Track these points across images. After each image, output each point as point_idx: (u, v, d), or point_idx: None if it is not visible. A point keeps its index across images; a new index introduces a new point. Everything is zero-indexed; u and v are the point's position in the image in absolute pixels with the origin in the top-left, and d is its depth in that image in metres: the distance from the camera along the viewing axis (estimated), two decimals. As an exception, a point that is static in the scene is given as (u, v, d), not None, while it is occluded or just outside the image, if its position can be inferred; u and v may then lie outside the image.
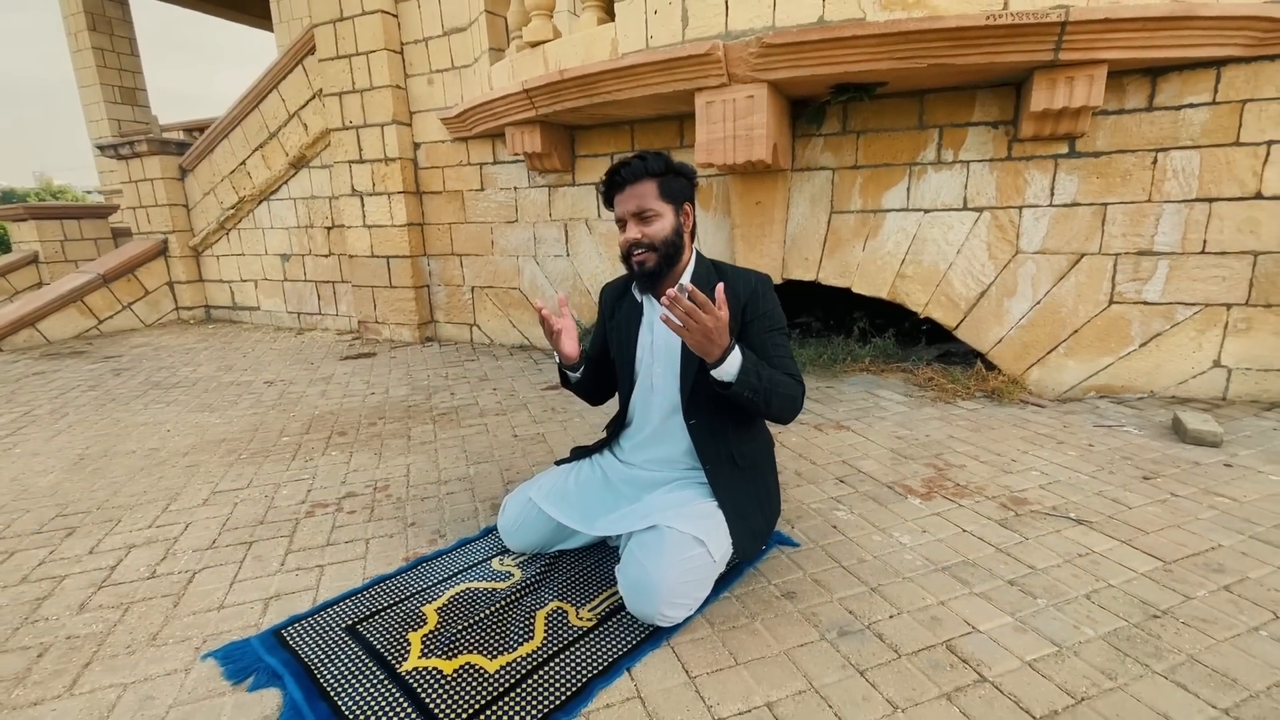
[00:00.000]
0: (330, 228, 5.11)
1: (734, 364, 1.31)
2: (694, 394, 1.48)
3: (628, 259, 1.47)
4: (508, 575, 1.58)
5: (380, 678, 1.23)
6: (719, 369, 1.31)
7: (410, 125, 4.52)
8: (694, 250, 1.53)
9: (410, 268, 4.63)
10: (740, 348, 1.33)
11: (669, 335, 1.48)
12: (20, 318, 4.95)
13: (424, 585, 1.55)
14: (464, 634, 1.35)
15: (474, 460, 2.41)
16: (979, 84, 2.81)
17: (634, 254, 1.45)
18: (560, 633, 1.35)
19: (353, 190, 4.70)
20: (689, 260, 1.52)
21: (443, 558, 1.68)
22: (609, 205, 1.48)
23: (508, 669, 1.24)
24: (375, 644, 1.33)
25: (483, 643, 1.32)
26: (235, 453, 2.56)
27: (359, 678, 1.23)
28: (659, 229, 1.42)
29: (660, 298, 1.37)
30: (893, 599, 1.45)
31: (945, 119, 2.93)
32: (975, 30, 2.36)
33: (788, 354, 1.49)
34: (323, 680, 1.23)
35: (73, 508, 2.09)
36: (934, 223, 3.04)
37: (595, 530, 1.52)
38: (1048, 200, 2.82)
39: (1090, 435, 2.44)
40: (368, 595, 1.52)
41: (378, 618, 1.42)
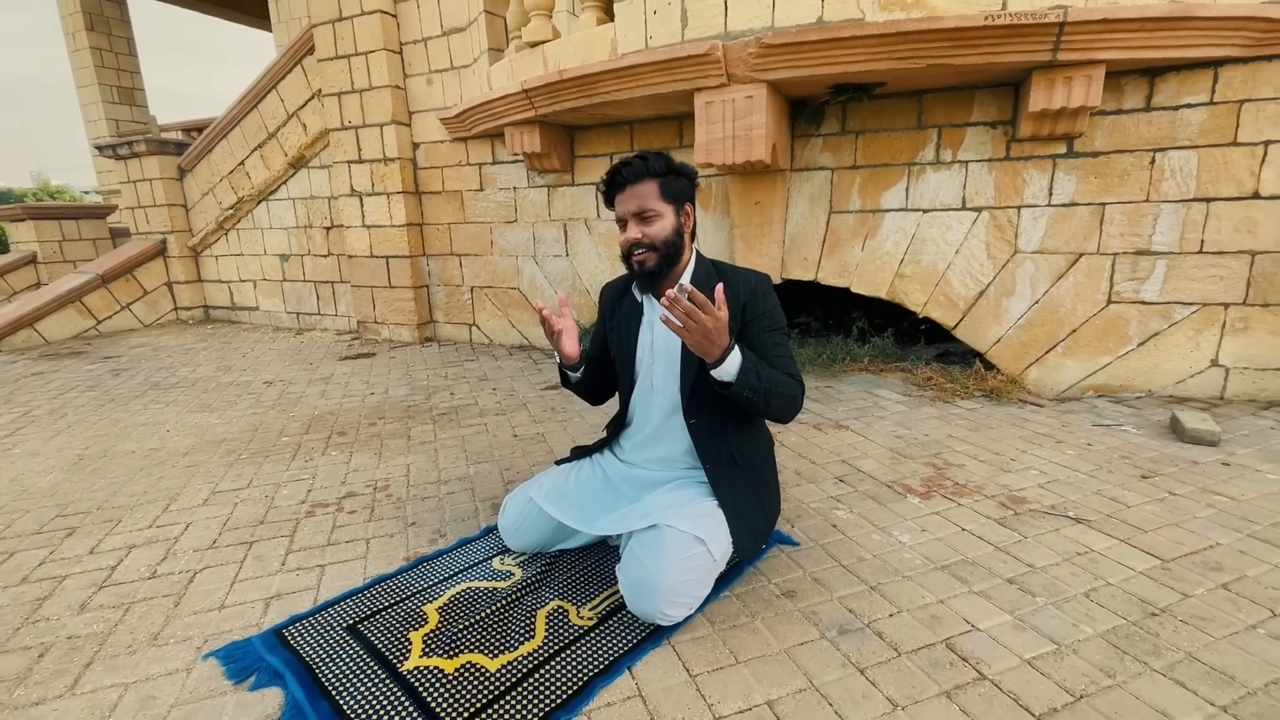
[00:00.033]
0: (329, 228, 5.11)
1: (734, 364, 1.31)
2: (694, 394, 1.49)
3: (628, 259, 1.47)
4: (508, 574, 1.58)
5: (382, 677, 1.23)
6: (719, 369, 1.32)
7: (409, 125, 4.52)
8: (694, 250, 1.54)
9: (409, 268, 4.64)
10: (740, 348, 1.33)
11: (669, 335, 1.49)
12: (19, 318, 4.95)
13: (425, 585, 1.55)
14: (465, 633, 1.35)
15: (474, 460, 2.41)
16: (977, 84, 2.81)
17: (634, 254, 1.45)
18: (561, 632, 1.35)
19: (352, 190, 4.70)
20: (689, 260, 1.52)
21: (443, 557, 1.69)
22: (609, 205, 1.48)
23: (509, 668, 1.25)
24: (376, 643, 1.33)
25: (484, 642, 1.32)
26: (235, 453, 2.56)
27: (360, 677, 1.24)
28: (659, 229, 1.43)
29: (660, 297, 1.37)
30: (892, 597, 1.45)
31: (944, 119, 2.94)
32: (974, 31, 2.36)
33: (787, 354, 1.49)
34: (324, 679, 1.23)
35: (73, 508, 2.09)
36: (933, 222, 3.04)
37: (596, 529, 1.53)
38: (1046, 200, 2.83)
39: (1089, 434, 2.45)
40: (369, 595, 1.52)
41: (379, 617, 1.42)
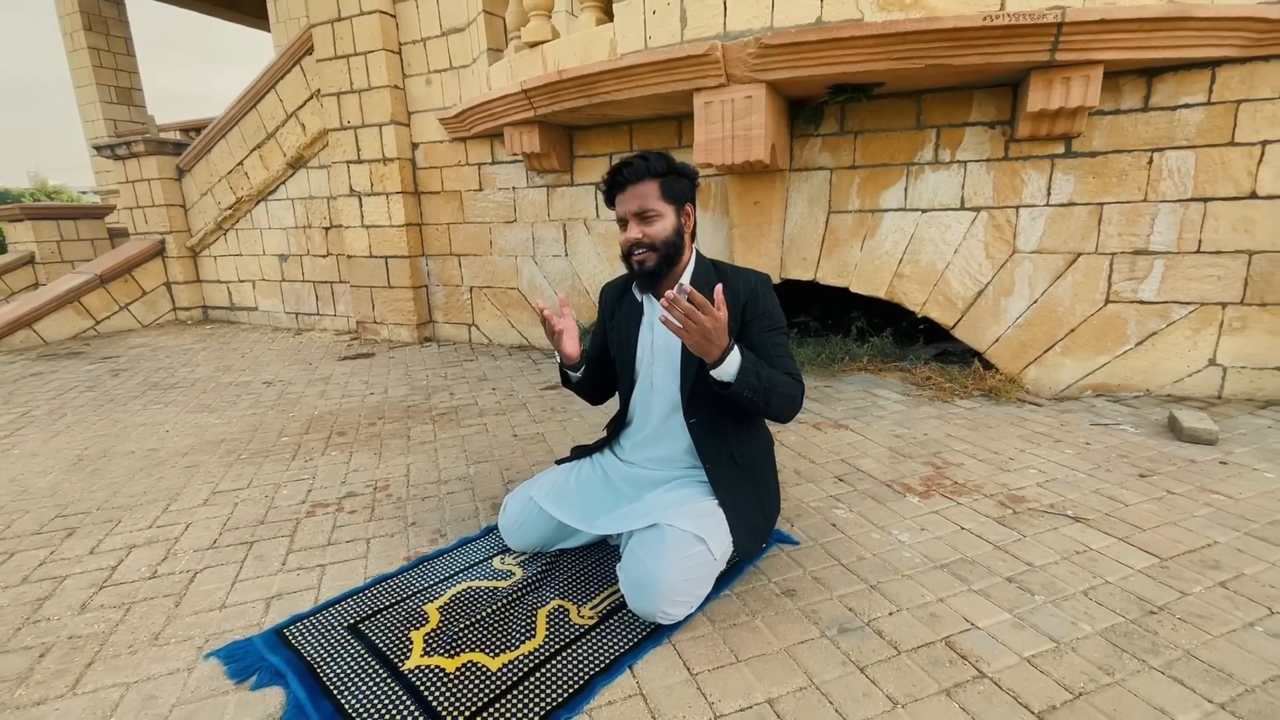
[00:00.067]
0: (328, 228, 5.10)
1: (733, 364, 1.32)
2: (694, 393, 1.49)
3: (628, 258, 1.48)
4: (509, 574, 1.58)
5: (383, 676, 1.24)
6: (718, 369, 1.32)
7: (408, 125, 4.52)
8: (694, 250, 1.54)
9: (408, 268, 4.63)
10: (739, 348, 1.33)
11: (669, 334, 1.49)
12: (17, 318, 4.94)
13: (425, 584, 1.55)
14: (466, 632, 1.35)
15: (474, 460, 2.42)
16: (976, 84, 2.82)
17: (634, 253, 1.45)
18: (562, 631, 1.36)
19: (351, 190, 4.69)
20: (689, 260, 1.53)
21: (444, 557, 1.69)
22: (610, 204, 1.49)
23: (510, 667, 1.25)
24: (378, 643, 1.33)
25: (485, 641, 1.33)
26: (235, 453, 2.56)
27: (362, 676, 1.24)
28: (660, 229, 1.43)
29: (660, 297, 1.37)
30: (892, 596, 1.46)
31: (942, 119, 2.94)
32: (972, 31, 2.37)
33: (787, 353, 1.49)
34: (325, 679, 1.23)
35: (72, 508, 2.09)
36: (931, 222, 3.05)
37: (596, 529, 1.53)
38: (1044, 200, 2.84)
39: (1087, 433, 2.45)
40: (369, 594, 1.52)
41: (380, 616, 1.43)
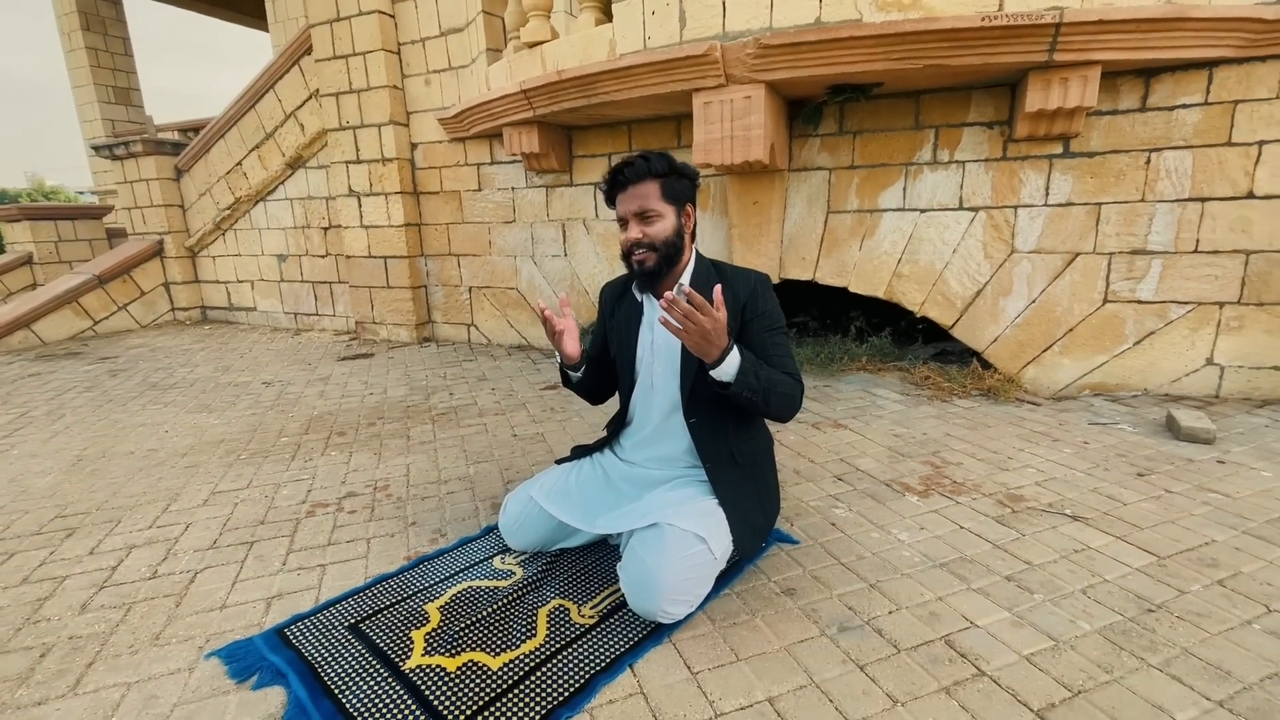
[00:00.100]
0: (327, 228, 5.10)
1: (732, 364, 1.32)
2: (694, 393, 1.49)
3: (628, 258, 1.48)
4: (509, 573, 1.59)
5: (384, 675, 1.24)
6: (718, 369, 1.32)
7: (407, 126, 4.52)
8: (694, 250, 1.54)
9: (407, 268, 4.63)
10: (739, 348, 1.34)
11: (669, 334, 1.49)
12: (15, 319, 4.93)
13: (426, 584, 1.55)
14: (467, 632, 1.36)
15: (473, 460, 2.42)
16: (974, 84, 2.83)
17: (634, 253, 1.46)
18: (562, 630, 1.36)
19: (350, 191, 4.69)
20: (689, 260, 1.53)
21: (444, 556, 1.69)
22: (610, 204, 1.49)
23: (511, 666, 1.25)
24: (378, 642, 1.34)
25: (486, 640, 1.33)
26: (234, 453, 2.56)
27: (363, 675, 1.24)
28: (660, 229, 1.43)
29: (660, 297, 1.38)
30: (891, 595, 1.46)
31: (941, 119, 2.95)
32: (970, 31, 2.37)
33: (787, 353, 1.50)
34: (327, 678, 1.24)
35: (72, 509, 2.09)
36: (930, 222, 3.06)
37: (596, 528, 1.53)
38: (1043, 200, 2.84)
39: (1085, 433, 2.46)
40: (370, 594, 1.52)
41: (380, 616, 1.43)
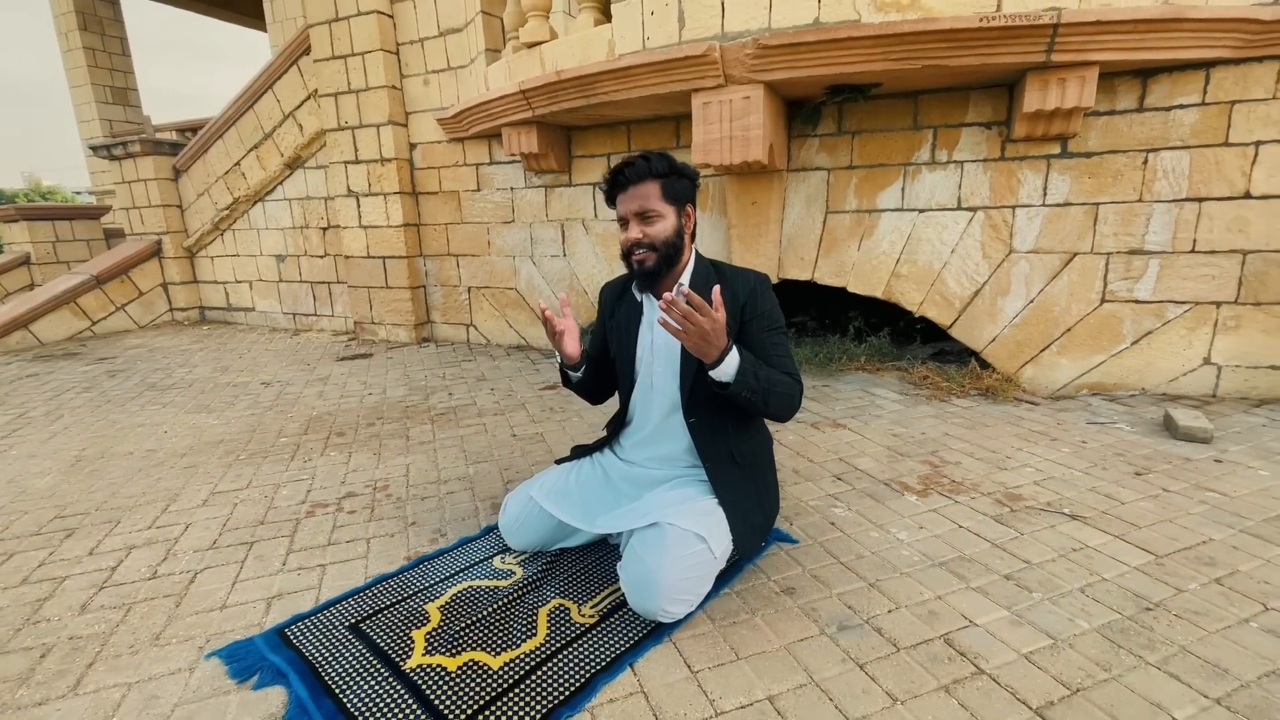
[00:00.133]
0: (326, 228, 5.10)
1: (731, 364, 1.32)
2: (694, 393, 1.50)
3: (628, 258, 1.48)
4: (509, 573, 1.59)
5: (385, 675, 1.24)
6: (717, 369, 1.33)
7: (406, 126, 4.52)
8: (693, 250, 1.55)
9: (406, 268, 4.63)
10: (738, 348, 1.34)
11: (669, 334, 1.50)
12: (13, 319, 4.92)
13: (426, 584, 1.56)
14: (467, 631, 1.36)
15: (473, 460, 2.42)
16: (972, 85, 2.84)
17: (634, 253, 1.46)
18: (563, 629, 1.36)
19: (348, 191, 4.69)
20: (688, 260, 1.53)
21: (444, 556, 1.69)
22: (611, 204, 1.49)
23: (511, 665, 1.25)
24: (379, 642, 1.34)
25: (486, 640, 1.33)
26: (233, 454, 2.56)
27: (364, 675, 1.24)
28: (661, 229, 1.44)
29: (659, 297, 1.38)
30: (891, 594, 1.47)
31: (939, 119, 2.96)
32: (969, 32, 2.38)
33: (786, 353, 1.50)
34: (327, 678, 1.24)
35: (71, 509, 2.09)
36: (928, 222, 3.06)
37: (596, 528, 1.54)
38: (1040, 200, 2.85)
39: (1083, 432, 2.47)
40: (370, 594, 1.53)
41: (381, 616, 1.43)
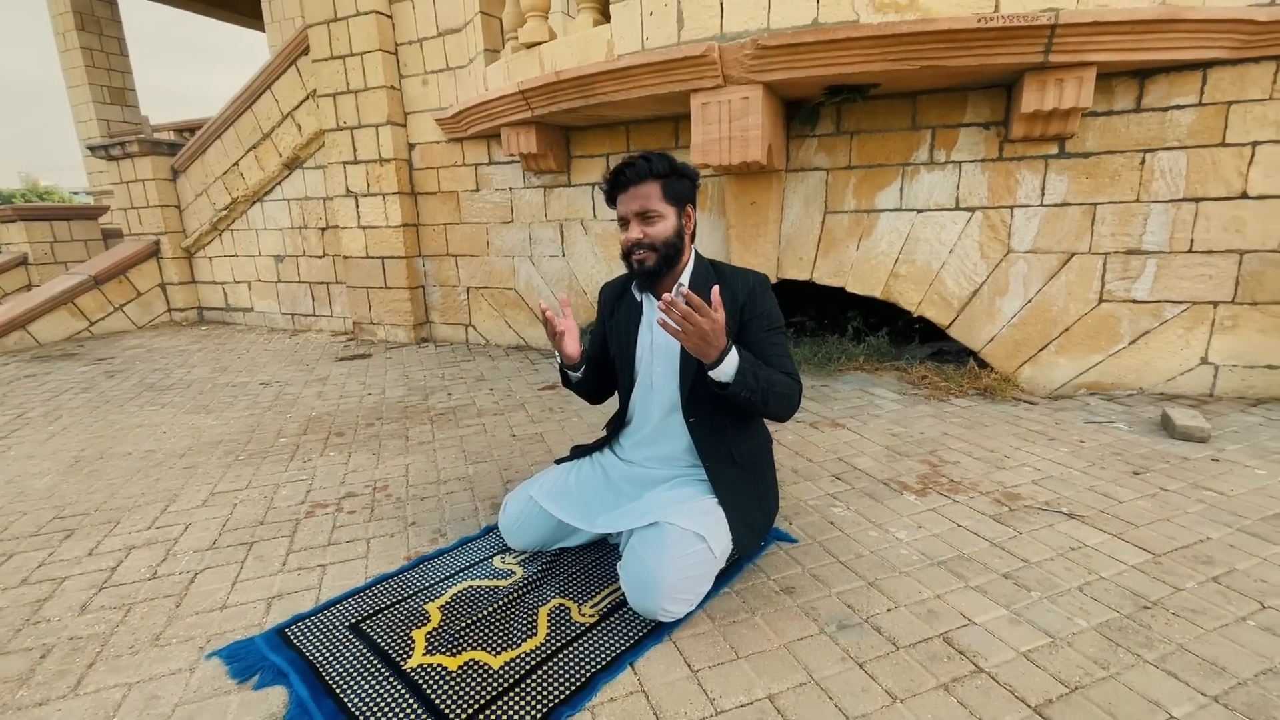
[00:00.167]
0: (324, 229, 5.10)
1: (731, 365, 1.33)
2: (693, 392, 1.50)
3: (628, 257, 1.48)
4: (509, 573, 1.59)
5: (386, 674, 1.24)
6: (716, 370, 1.33)
7: (405, 126, 4.52)
8: (693, 251, 1.55)
9: (405, 268, 4.63)
10: (737, 348, 1.34)
11: (668, 334, 1.50)
12: (11, 320, 4.91)
13: (426, 583, 1.56)
14: (468, 631, 1.36)
15: (472, 460, 2.42)
16: (971, 85, 2.84)
17: (635, 253, 1.46)
18: (563, 629, 1.36)
19: (347, 191, 4.69)
20: (688, 261, 1.54)
21: (444, 556, 1.69)
22: (611, 204, 1.49)
23: (512, 665, 1.26)
24: (379, 642, 1.34)
25: (486, 639, 1.33)
26: (233, 454, 2.56)
27: (364, 675, 1.24)
28: (661, 230, 1.44)
29: (659, 297, 1.38)
30: (890, 593, 1.47)
31: (938, 120, 2.96)
32: (967, 33, 2.39)
33: (785, 353, 1.51)
34: (328, 678, 1.24)
35: (70, 510, 2.09)
36: (927, 222, 3.07)
37: (596, 527, 1.54)
38: (1038, 200, 2.86)
39: (1081, 431, 2.48)
40: (370, 594, 1.53)
41: (381, 616, 1.43)
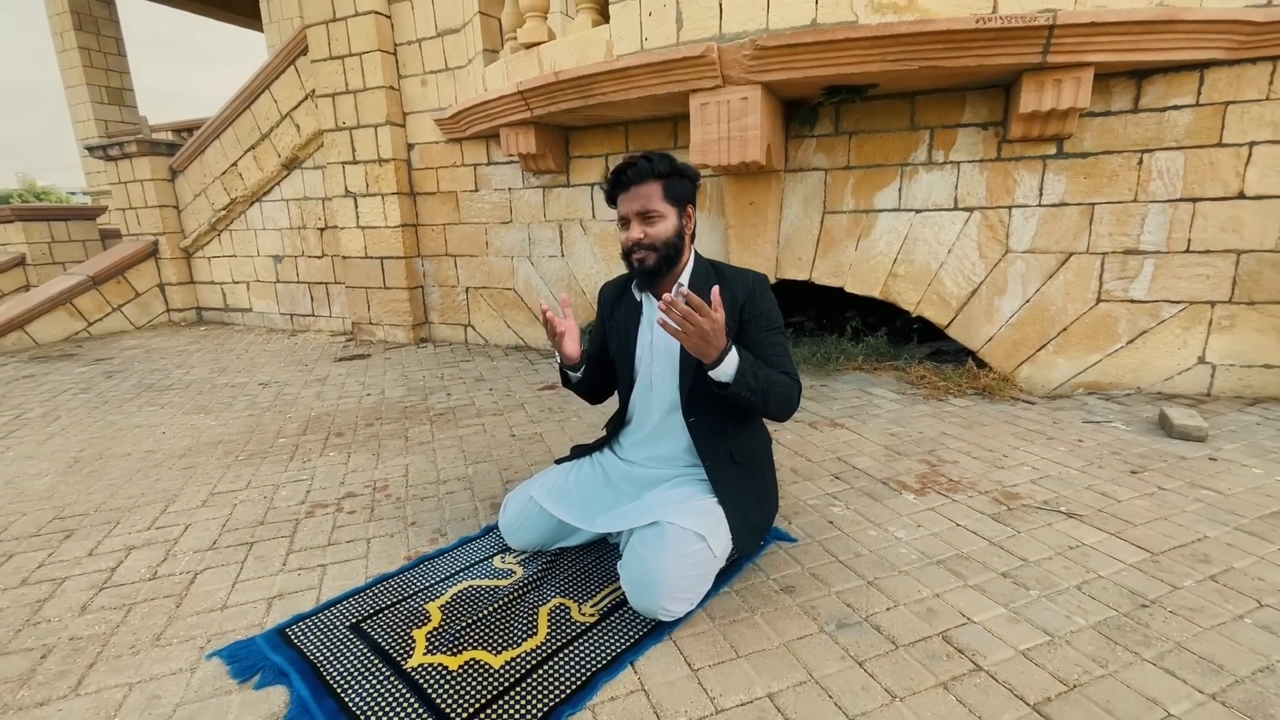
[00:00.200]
0: (323, 229, 5.09)
1: (731, 365, 1.33)
2: (693, 392, 1.50)
3: (628, 257, 1.49)
4: (510, 573, 1.59)
5: (386, 674, 1.24)
6: (716, 370, 1.33)
7: (404, 126, 4.52)
8: (693, 251, 1.55)
9: (404, 269, 4.63)
10: (737, 348, 1.35)
11: (668, 334, 1.50)
12: (9, 320, 4.90)
13: (427, 583, 1.56)
14: (468, 630, 1.36)
15: (472, 460, 2.42)
16: (969, 86, 2.85)
17: (635, 253, 1.47)
18: (563, 628, 1.37)
19: (346, 191, 4.69)
20: (688, 261, 1.54)
21: (444, 556, 1.70)
22: (612, 204, 1.50)
23: (513, 664, 1.26)
24: (380, 641, 1.34)
25: (487, 639, 1.34)
26: (232, 454, 2.56)
27: (365, 674, 1.25)
28: (662, 230, 1.44)
29: (659, 297, 1.39)
30: (889, 592, 1.48)
31: (936, 120, 2.97)
32: (965, 33, 2.39)
33: (785, 353, 1.51)
34: (329, 677, 1.24)
35: (70, 510, 2.09)
36: (925, 222, 3.08)
37: (596, 527, 1.54)
38: (1037, 200, 2.87)
39: (1079, 431, 2.48)
40: (371, 594, 1.53)
41: (382, 615, 1.43)
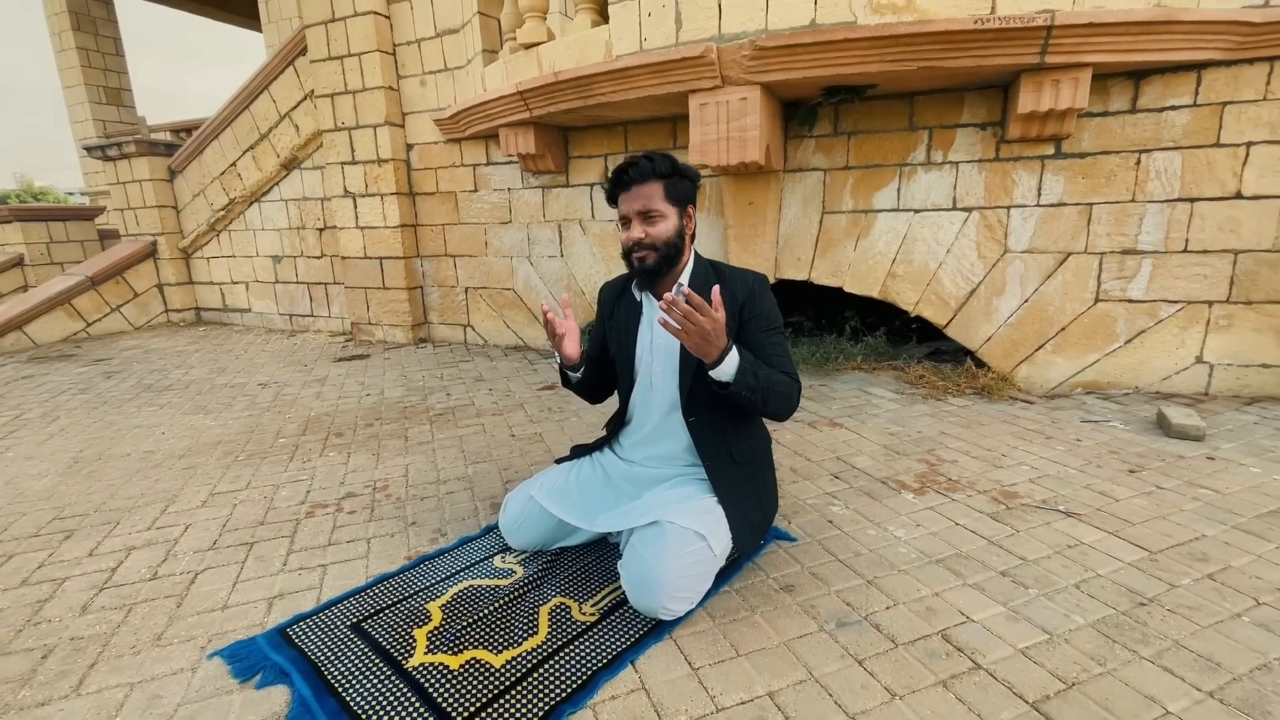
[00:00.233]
0: (322, 229, 5.09)
1: (731, 364, 1.33)
2: (693, 392, 1.51)
3: (629, 256, 1.49)
4: (510, 572, 1.60)
5: (387, 674, 1.25)
6: (717, 369, 1.34)
7: (403, 126, 4.52)
8: (693, 251, 1.56)
9: (403, 269, 4.63)
10: (737, 348, 1.35)
11: (668, 334, 1.51)
12: (7, 320, 4.90)
13: (427, 583, 1.56)
14: (469, 630, 1.37)
15: (472, 460, 2.42)
16: (967, 86, 2.86)
17: (635, 252, 1.47)
18: (564, 627, 1.37)
19: (345, 191, 4.68)
20: (688, 261, 1.55)
21: (445, 556, 1.70)
22: (612, 203, 1.50)
23: (513, 663, 1.26)
24: (381, 641, 1.34)
25: (488, 638, 1.34)
26: (232, 454, 2.56)
27: (366, 674, 1.25)
28: (662, 230, 1.45)
29: (659, 296, 1.39)
30: (889, 591, 1.48)
31: (934, 120, 2.98)
32: (963, 34, 2.40)
33: (785, 353, 1.51)
34: (330, 677, 1.24)
35: (70, 510, 2.09)
36: (924, 223, 3.08)
37: (597, 526, 1.55)
38: (1035, 200, 2.87)
39: (1078, 430, 2.49)
40: (371, 593, 1.53)
41: (382, 615, 1.44)
